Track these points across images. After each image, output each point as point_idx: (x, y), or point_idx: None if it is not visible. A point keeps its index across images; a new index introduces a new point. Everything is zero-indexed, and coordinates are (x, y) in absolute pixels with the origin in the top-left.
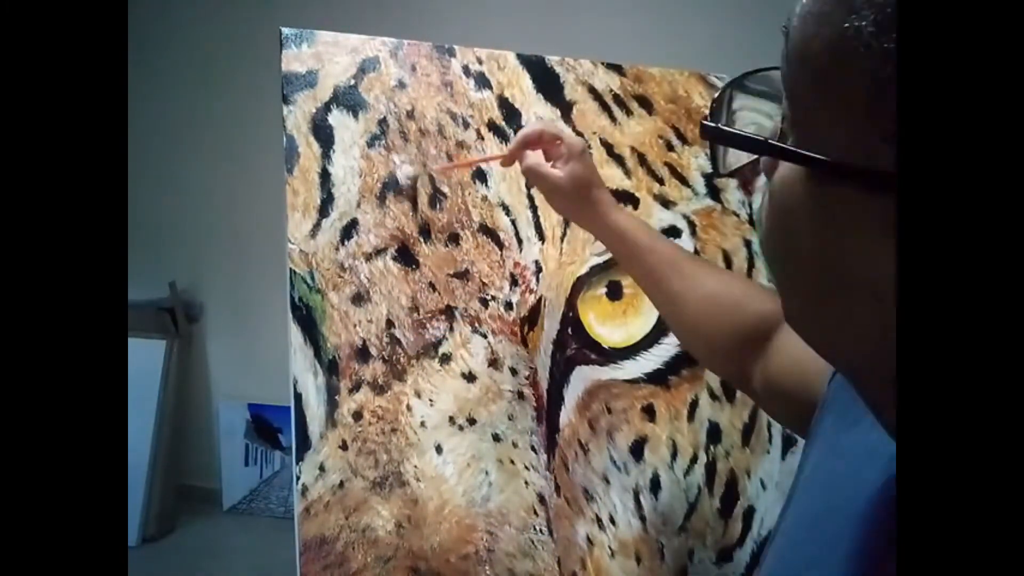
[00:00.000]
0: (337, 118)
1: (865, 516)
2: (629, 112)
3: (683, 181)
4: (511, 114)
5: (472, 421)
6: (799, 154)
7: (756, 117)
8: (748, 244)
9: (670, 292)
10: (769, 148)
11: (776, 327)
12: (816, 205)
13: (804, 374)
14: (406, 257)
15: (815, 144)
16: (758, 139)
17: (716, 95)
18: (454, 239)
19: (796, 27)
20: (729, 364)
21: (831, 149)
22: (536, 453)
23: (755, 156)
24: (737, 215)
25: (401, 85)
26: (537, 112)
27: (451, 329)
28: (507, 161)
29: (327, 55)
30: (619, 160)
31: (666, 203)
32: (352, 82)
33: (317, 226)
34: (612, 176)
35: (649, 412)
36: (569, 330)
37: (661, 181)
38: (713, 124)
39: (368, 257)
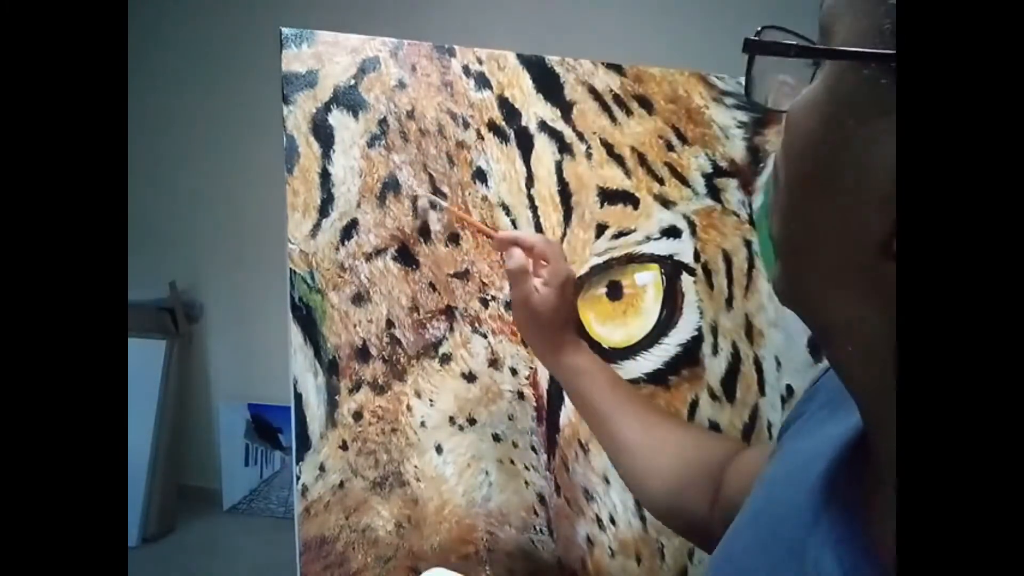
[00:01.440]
0: (337, 118)
1: (819, 481)
2: (629, 112)
3: (683, 181)
4: (511, 114)
5: (472, 421)
6: (827, 50)
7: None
8: (748, 244)
9: (621, 446)
10: (801, 50)
11: (724, 470)
12: (834, 115)
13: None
14: (406, 257)
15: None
16: (791, 43)
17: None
18: (454, 239)
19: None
20: (668, 507)
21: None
22: (536, 453)
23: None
24: (737, 215)
25: (401, 85)
26: (537, 112)
27: (451, 329)
28: (499, 243)
29: (327, 55)
30: (619, 160)
31: (666, 203)
32: (352, 82)
33: (317, 226)
34: (612, 176)
35: None
36: None
37: (661, 181)
38: (756, 38)
39: (368, 257)
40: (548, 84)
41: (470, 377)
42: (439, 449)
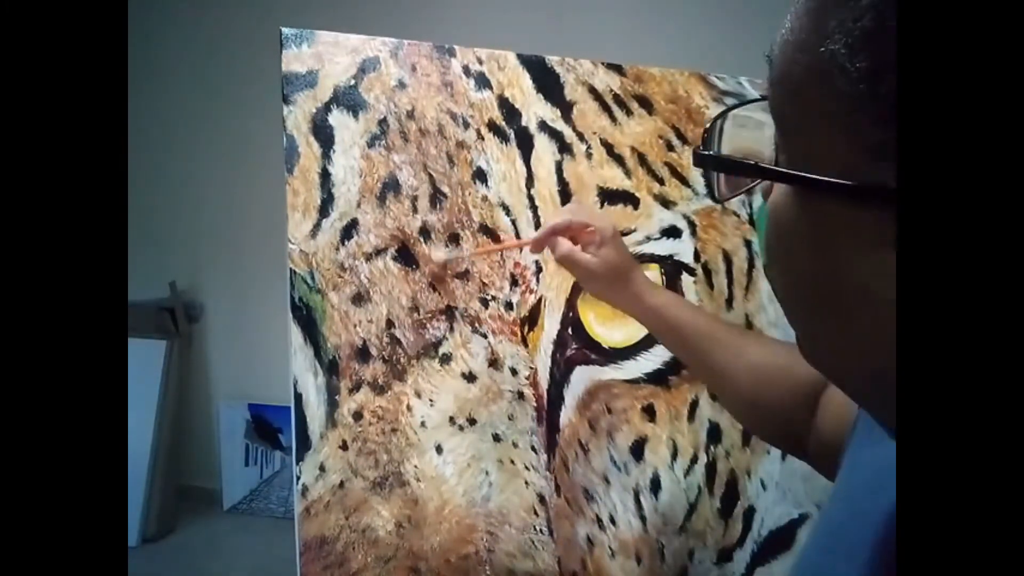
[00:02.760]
0: (337, 118)
1: (881, 529)
2: (629, 112)
3: (683, 181)
4: (511, 114)
5: (472, 421)
6: (786, 174)
7: (749, 145)
8: (748, 244)
9: (715, 365)
10: (758, 171)
11: (823, 388)
12: (810, 222)
13: (849, 425)
14: (406, 257)
15: (803, 164)
16: (748, 163)
17: (707, 125)
18: (454, 239)
19: (777, 55)
20: (782, 430)
21: (818, 167)
22: (536, 453)
23: (750, 182)
24: (737, 215)
25: (401, 85)
26: (537, 112)
27: (451, 329)
28: (536, 247)
29: (327, 55)
30: (619, 160)
31: (666, 203)
32: (352, 82)
33: (317, 226)
34: (612, 176)
35: (649, 412)
36: (569, 330)
37: (661, 181)
38: (705, 152)
39: (368, 257)
40: (548, 84)
41: (470, 377)
42: (439, 449)
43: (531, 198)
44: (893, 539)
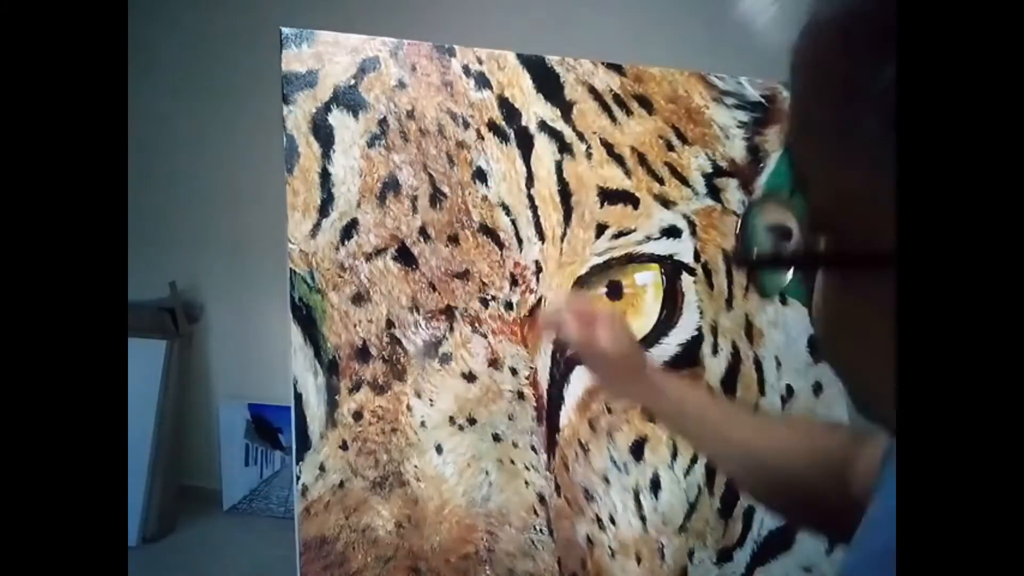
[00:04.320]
0: (337, 118)
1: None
2: (629, 112)
3: (683, 181)
4: (511, 114)
5: (472, 421)
6: (835, 254)
7: (782, 229)
8: None
9: (744, 447)
10: (808, 260)
11: (849, 453)
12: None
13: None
14: (406, 257)
15: (840, 243)
16: (798, 256)
17: (738, 224)
18: (454, 239)
19: (800, 140)
20: (813, 511)
21: (856, 240)
22: (536, 453)
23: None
24: (737, 215)
25: (401, 85)
26: (537, 111)
27: (451, 329)
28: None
29: (327, 55)
30: (619, 160)
31: (666, 203)
32: (352, 82)
33: (317, 226)
34: (612, 176)
35: (649, 412)
36: None
37: (661, 181)
38: (749, 258)
39: (368, 257)
40: (548, 84)
41: (470, 377)
42: (439, 449)
43: (531, 198)
44: None
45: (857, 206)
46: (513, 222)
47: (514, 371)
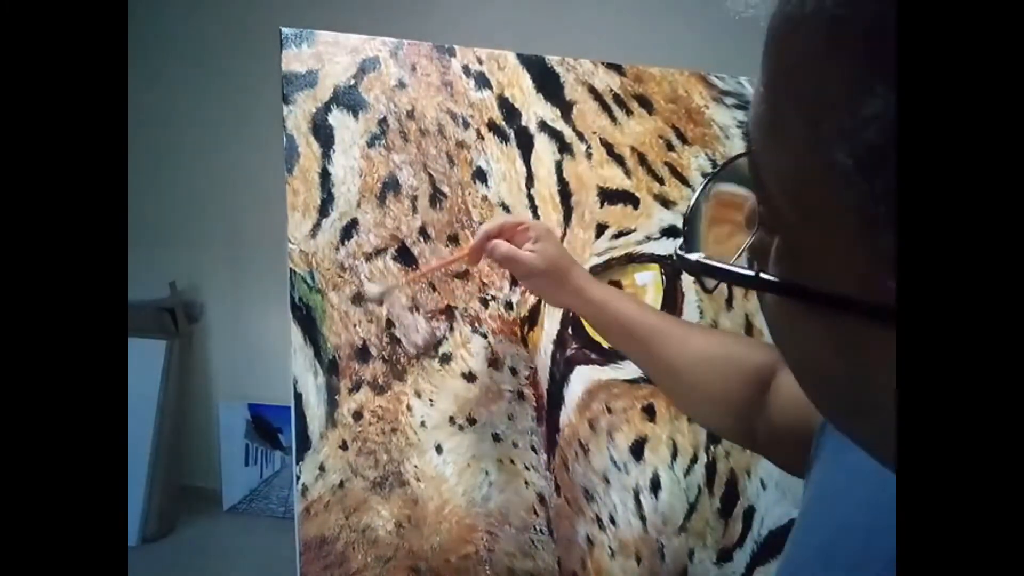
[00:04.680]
0: (337, 118)
1: (885, 544)
2: (629, 112)
3: (683, 181)
4: (511, 114)
5: (472, 421)
6: (794, 287)
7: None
8: None
9: (660, 357)
10: (763, 285)
11: (772, 375)
12: (825, 330)
13: (804, 411)
14: (406, 257)
15: (809, 269)
16: (748, 274)
17: (685, 215)
18: (454, 239)
19: (765, 150)
20: (732, 421)
21: (828, 277)
22: (536, 453)
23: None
24: None
25: (401, 85)
26: (537, 111)
27: (451, 329)
28: (472, 258)
29: (327, 55)
30: (619, 160)
31: (666, 203)
32: (352, 82)
33: (317, 226)
34: (612, 176)
35: (649, 412)
36: (569, 330)
37: (661, 181)
38: (692, 257)
39: (368, 257)
40: (548, 84)
41: (470, 377)
42: (439, 449)
43: (531, 198)
44: (884, 549)
45: (820, 232)
46: None
47: (514, 371)
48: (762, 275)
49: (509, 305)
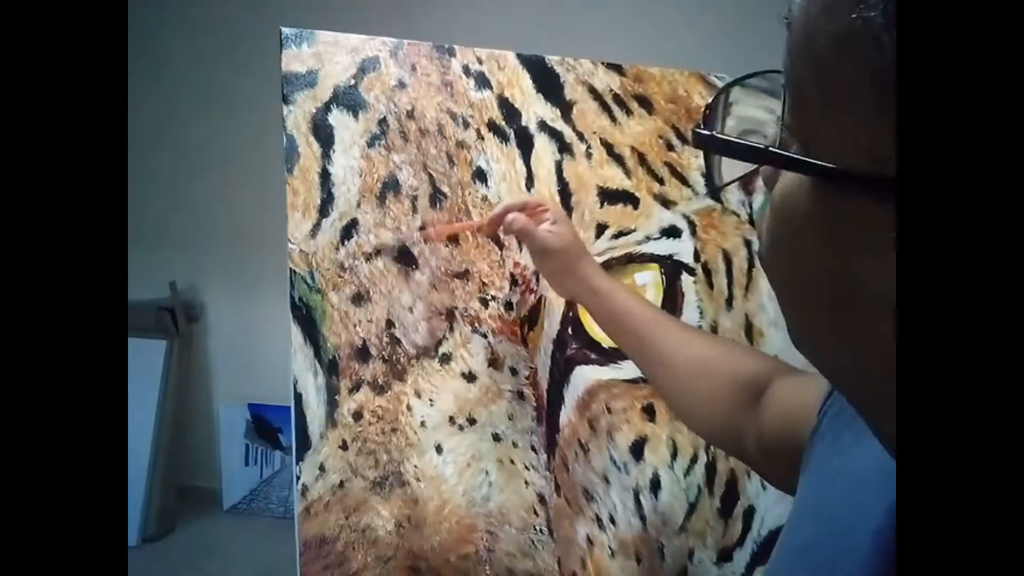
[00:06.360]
0: (337, 118)
1: (862, 545)
2: (629, 112)
3: (683, 181)
4: (511, 114)
5: (472, 421)
6: (804, 162)
7: (755, 123)
8: (748, 244)
9: (657, 354)
10: (770, 156)
11: (766, 386)
12: (824, 217)
13: (796, 426)
14: (406, 257)
15: (821, 151)
16: (758, 147)
17: (710, 100)
18: (454, 239)
19: (799, 18)
20: (720, 426)
21: (838, 156)
22: (536, 453)
23: (754, 166)
24: (737, 215)
25: (401, 85)
26: (537, 111)
27: (451, 329)
28: (489, 228)
29: (327, 55)
30: (619, 160)
31: (666, 203)
32: (352, 82)
33: (317, 226)
34: (612, 176)
35: (649, 412)
36: (569, 330)
37: (661, 181)
38: (707, 132)
39: (368, 257)
40: (548, 84)
41: (470, 377)
42: (439, 449)
43: None
44: (882, 552)
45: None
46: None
47: (514, 371)
48: (771, 149)
49: (509, 305)
